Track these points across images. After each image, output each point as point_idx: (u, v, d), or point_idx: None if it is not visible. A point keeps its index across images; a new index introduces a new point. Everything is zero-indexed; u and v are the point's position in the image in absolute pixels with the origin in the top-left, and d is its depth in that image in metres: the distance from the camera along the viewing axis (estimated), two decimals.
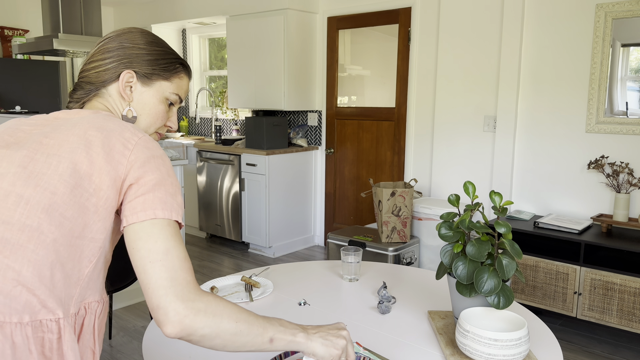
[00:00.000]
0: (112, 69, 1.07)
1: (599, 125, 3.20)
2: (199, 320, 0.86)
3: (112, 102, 1.08)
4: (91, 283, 0.94)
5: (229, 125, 5.65)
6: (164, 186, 0.93)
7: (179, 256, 0.89)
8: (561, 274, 2.99)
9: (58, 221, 0.87)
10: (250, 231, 4.61)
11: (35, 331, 0.84)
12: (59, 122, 0.98)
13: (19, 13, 5.46)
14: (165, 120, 1.14)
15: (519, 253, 1.25)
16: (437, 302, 1.61)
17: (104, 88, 1.07)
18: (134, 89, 1.08)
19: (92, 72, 1.07)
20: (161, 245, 0.88)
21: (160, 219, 0.90)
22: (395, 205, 3.37)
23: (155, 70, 1.09)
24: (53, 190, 0.88)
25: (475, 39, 3.67)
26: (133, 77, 1.07)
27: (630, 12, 3.03)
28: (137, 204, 0.90)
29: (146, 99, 1.09)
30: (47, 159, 0.90)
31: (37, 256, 0.85)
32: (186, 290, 0.87)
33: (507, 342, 1.12)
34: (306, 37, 4.60)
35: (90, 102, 1.08)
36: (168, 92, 1.12)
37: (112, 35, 1.10)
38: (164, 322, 0.84)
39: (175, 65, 1.12)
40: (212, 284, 1.73)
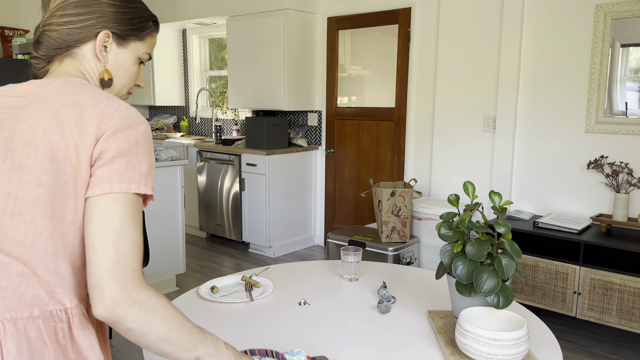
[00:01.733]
0: (88, 27, 0.99)
1: (599, 125, 3.21)
2: (131, 312, 0.83)
3: (86, 63, 1.02)
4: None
5: (229, 125, 5.65)
6: (126, 156, 0.88)
7: (132, 240, 0.86)
8: (561, 274, 2.99)
9: (50, 212, 0.86)
10: (250, 231, 4.61)
11: (47, 322, 0.85)
12: (31, 99, 0.93)
13: (19, 13, 5.46)
14: (136, 79, 1.10)
15: (518, 253, 1.26)
16: (436, 302, 1.61)
17: (76, 47, 1.00)
18: (109, 50, 1.03)
19: (64, 27, 0.99)
20: (117, 224, 0.85)
21: (118, 194, 0.86)
22: (395, 205, 3.37)
23: (131, 30, 1.04)
24: (37, 182, 0.85)
25: (475, 39, 3.68)
26: (109, 37, 1.02)
27: (629, 12, 3.03)
28: (95, 177, 0.87)
29: (122, 61, 1.05)
30: (24, 148, 0.87)
31: (37, 251, 0.85)
32: (129, 277, 0.84)
33: (506, 342, 1.13)
34: (306, 37, 4.60)
35: (61, 64, 1.01)
36: (141, 52, 1.08)
37: None
38: (97, 303, 0.82)
39: (148, 24, 1.07)
40: (213, 284, 1.74)
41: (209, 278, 4.00)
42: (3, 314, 0.82)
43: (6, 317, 0.82)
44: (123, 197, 0.87)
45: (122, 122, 0.90)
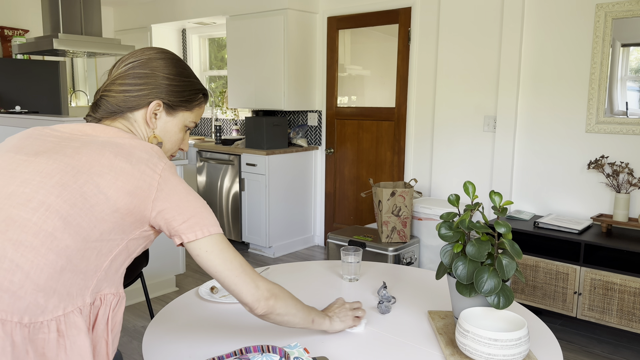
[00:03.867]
0: (142, 96, 1.12)
1: (599, 125, 3.20)
2: (279, 304, 1.16)
3: (137, 126, 1.14)
4: (108, 276, 1.02)
5: (229, 125, 5.65)
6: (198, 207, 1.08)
7: (246, 263, 1.14)
8: (561, 274, 2.99)
9: (74, 230, 0.94)
10: (250, 231, 4.61)
11: (34, 333, 0.89)
12: (88, 139, 1.05)
13: (19, 13, 5.46)
14: (181, 144, 1.23)
15: (518, 253, 1.25)
16: (437, 302, 1.61)
17: (129, 112, 1.12)
18: (158, 117, 1.15)
19: (121, 95, 1.11)
20: (235, 262, 1.10)
21: (215, 235, 1.09)
22: (395, 205, 3.37)
23: (180, 102, 1.16)
24: (72, 203, 0.95)
25: (475, 38, 3.67)
26: (160, 107, 1.14)
27: (630, 12, 3.03)
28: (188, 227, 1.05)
29: (169, 128, 1.17)
30: (76, 174, 0.97)
31: (47, 260, 0.90)
32: (264, 282, 1.15)
33: (507, 342, 1.12)
34: (306, 37, 4.60)
35: (114, 122, 1.13)
36: (188, 120, 1.20)
37: (143, 59, 1.13)
38: (257, 308, 1.13)
39: (198, 96, 1.20)
40: (212, 284, 1.73)
41: (209, 278, 4.00)
42: None
43: None
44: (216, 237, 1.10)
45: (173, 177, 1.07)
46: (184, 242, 1.07)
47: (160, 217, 1.04)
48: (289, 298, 1.19)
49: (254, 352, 1.19)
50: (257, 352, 1.19)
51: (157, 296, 3.61)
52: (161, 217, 1.04)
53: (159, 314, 1.51)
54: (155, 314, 2.55)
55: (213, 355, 1.26)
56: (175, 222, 1.04)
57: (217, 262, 1.09)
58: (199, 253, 1.08)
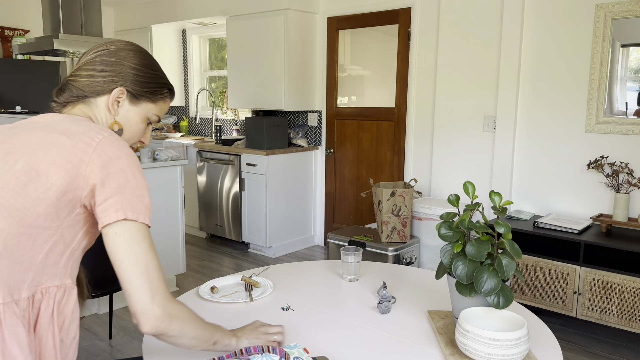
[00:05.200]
0: (107, 82, 1.13)
1: (599, 125, 3.20)
2: (172, 325, 1.03)
3: (98, 112, 1.14)
4: (47, 269, 1.00)
5: (229, 125, 5.65)
6: (130, 188, 1.01)
7: (156, 268, 1.02)
8: (561, 274, 2.99)
9: (7, 212, 0.95)
10: (250, 231, 4.61)
11: None
12: (30, 125, 1.05)
13: (19, 13, 5.46)
14: (141, 136, 1.22)
15: (518, 253, 1.26)
16: (437, 302, 1.61)
17: (92, 97, 1.14)
18: (121, 105, 1.15)
19: (86, 79, 1.13)
20: (142, 259, 1.00)
21: (131, 222, 1.00)
22: (395, 205, 3.37)
23: (145, 92, 1.17)
24: (4, 185, 0.96)
25: (475, 39, 3.68)
26: (123, 94, 1.15)
27: (630, 12, 3.03)
28: (107, 206, 0.99)
29: (130, 116, 1.17)
30: (5, 156, 0.99)
31: None
32: (164, 299, 1.02)
33: (506, 342, 1.12)
34: (306, 37, 4.60)
35: (74, 107, 1.14)
36: (151, 112, 1.20)
37: (111, 48, 1.15)
38: (145, 324, 1.00)
39: (163, 90, 1.21)
40: (212, 284, 1.73)
41: (209, 278, 4.00)
42: None
43: None
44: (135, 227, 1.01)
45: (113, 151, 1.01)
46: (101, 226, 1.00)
47: (90, 193, 1.00)
48: (189, 321, 1.07)
49: (254, 352, 1.20)
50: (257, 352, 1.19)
51: None
52: (91, 193, 1.00)
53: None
54: None
55: (213, 356, 1.26)
56: (98, 198, 0.99)
57: (123, 249, 0.99)
58: (108, 233, 0.99)
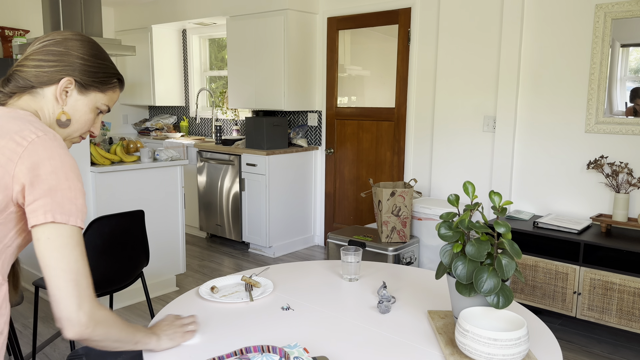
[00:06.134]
0: (54, 72, 1.11)
1: (599, 125, 3.21)
2: (97, 330, 1.05)
3: (44, 103, 1.12)
4: None
5: (229, 125, 5.65)
6: (60, 190, 0.99)
7: (85, 274, 1.03)
8: (560, 274, 2.99)
9: None
10: (250, 231, 4.61)
11: None
12: None
13: (19, 13, 5.46)
14: (91, 126, 1.20)
15: (518, 253, 1.26)
16: (436, 302, 1.61)
17: (39, 88, 1.11)
18: (69, 95, 1.14)
19: (32, 70, 1.11)
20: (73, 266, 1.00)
21: (62, 225, 0.99)
22: (395, 205, 3.37)
23: (93, 82, 1.16)
24: None
25: (475, 39, 3.68)
26: (72, 84, 1.13)
27: (629, 13, 3.04)
28: (36, 207, 0.98)
29: (79, 106, 1.15)
30: None
31: None
32: (90, 305, 1.03)
33: (506, 342, 1.13)
34: (306, 37, 4.60)
35: (19, 99, 1.12)
36: (100, 102, 1.19)
37: (58, 38, 1.13)
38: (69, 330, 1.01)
39: (112, 79, 1.20)
40: (212, 284, 1.74)
41: (209, 278, 4.00)
42: None
43: None
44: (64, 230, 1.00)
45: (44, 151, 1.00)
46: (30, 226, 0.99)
47: (21, 195, 0.99)
48: (112, 325, 1.08)
49: (254, 352, 1.20)
50: (257, 352, 1.20)
51: (157, 296, 3.62)
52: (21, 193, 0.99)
53: (159, 314, 1.52)
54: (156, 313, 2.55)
55: (213, 355, 1.26)
56: (28, 198, 0.98)
57: (54, 254, 0.99)
58: (39, 237, 0.99)
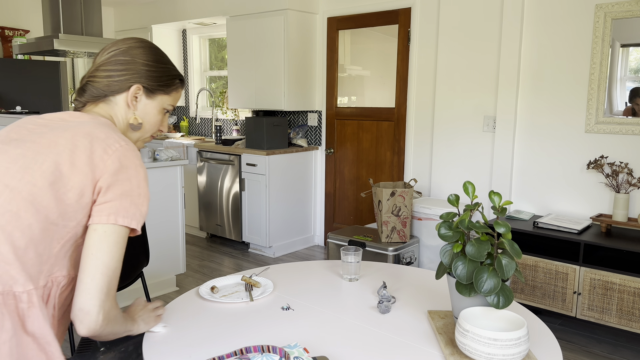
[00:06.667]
0: (124, 81, 1.23)
1: (599, 125, 3.21)
2: (106, 328, 1.10)
3: (117, 109, 1.24)
4: (58, 260, 1.10)
5: (229, 125, 5.65)
6: (131, 196, 1.10)
7: (117, 276, 1.11)
8: (561, 274, 2.99)
9: (35, 208, 1.03)
10: (250, 231, 4.61)
11: (7, 299, 1.01)
12: (59, 124, 1.14)
13: (19, 13, 5.46)
14: (160, 125, 1.33)
15: (518, 253, 1.26)
16: (436, 302, 1.61)
17: (112, 96, 1.23)
18: (139, 100, 1.26)
19: (104, 80, 1.22)
20: (114, 264, 1.09)
21: (119, 226, 1.09)
22: (395, 205, 3.37)
23: (159, 86, 1.27)
24: (34, 183, 1.04)
25: (475, 39, 3.68)
26: (140, 90, 1.25)
27: (629, 13, 3.03)
28: (104, 208, 1.08)
29: (148, 110, 1.28)
30: (35, 156, 1.07)
31: (14, 237, 1.02)
32: (110, 305, 1.10)
33: (506, 342, 1.13)
34: (306, 37, 4.60)
35: (96, 106, 1.24)
36: (166, 103, 1.31)
37: (123, 47, 1.24)
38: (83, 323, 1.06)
39: (175, 81, 1.31)
40: (213, 284, 1.74)
41: (209, 278, 4.00)
42: None
43: None
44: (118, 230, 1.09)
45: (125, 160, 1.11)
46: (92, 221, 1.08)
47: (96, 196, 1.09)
48: (115, 321, 1.15)
49: (254, 352, 1.20)
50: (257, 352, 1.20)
51: (157, 296, 3.61)
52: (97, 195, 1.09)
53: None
54: None
55: (213, 355, 1.26)
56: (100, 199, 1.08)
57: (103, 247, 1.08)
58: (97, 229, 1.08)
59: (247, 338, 1.36)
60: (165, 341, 1.34)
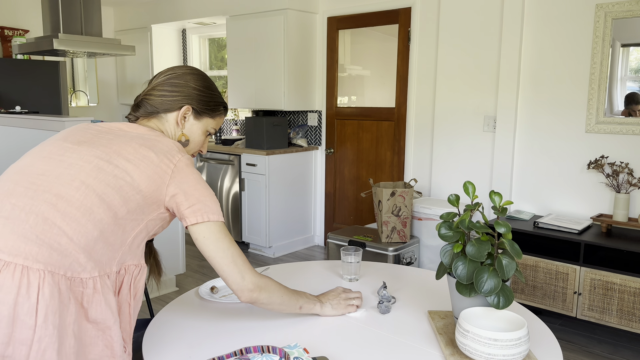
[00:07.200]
0: (176, 101, 1.38)
1: (599, 125, 3.20)
2: (261, 294, 1.31)
3: (168, 126, 1.39)
4: (131, 250, 1.22)
5: (229, 125, 5.65)
6: (206, 197, 1.26)
7: (239, 254, 1.29)
8: (561, 274, 2.99)
9: (107, 206, 1.16)
10: (250, 231, 4.61)
11: (74, 285, 1.11)
12: (121, 133, 1.28)
13: (19, 13, 5.46)
14: (201, 146, 1.48)
15: (518, 253, 1.25)
16: (437, 302, 1.61)
17: (163, 113, 1.38)
18: (187, 120, 1.40)
19: (158, 98, 1.37)
20: (227, 252, 1.27)
21: (214, 222, 1.26)
22: (395, 205, 3.37)
23: (206, 109, 1.42)
24: (106, 184, 1.17)
25: (475, 39, 3.67)
26: (189, 111, 1.39)
27: (630, 12, 3.03)
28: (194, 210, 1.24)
29: (194, 130, 1.42)
30: (109, 158, 1.20)
31: (86, 229, 1.13)
32: (251, 276, 1.29)
33: (506, 342, 1.12)
34: (306, 37, 4.60)
35: (149, 121, 1.38)
36: (210, 126, 1.45)
37: (178, 72, 1.40)
38: (242, 295, 1.29)
39: (220, 107, 1.46)
40: (213, 284, 1.73)
41: (209, 278, 4.00)
42: (46, 266, 1.07)
43: (48, 269, 1.07)
44: (216, 225, 1.27)
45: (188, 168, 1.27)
46: (187, 224, 1.25)
47: (172, 201, 1.24)
48: (274, 290, 1.34)
49: (254, 352, 1.19)
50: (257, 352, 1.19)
51: (157, 296, 3.61)
52: (173, 201, 1.24)
53: (159, 314, 1.51)
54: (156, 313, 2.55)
55: (213, 356, 1.26)
56: (182, 206, 1.24)
57: (212, 247, 1.26)
58: (197, 237, 1.26)
59: (247, 338, 1.35)
60: (165, 341, 1.34)
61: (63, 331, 1.07)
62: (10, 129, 4.12)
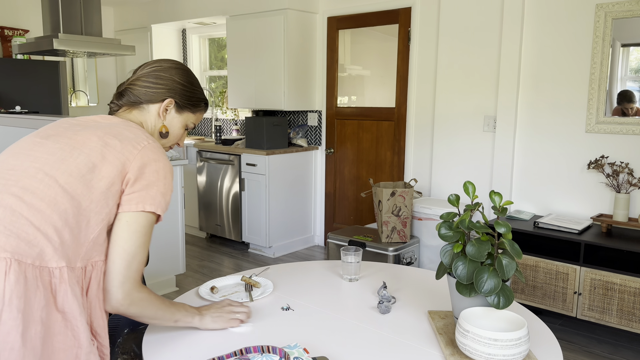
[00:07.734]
0: (160, 94, 1.40)
1: (599, 125, 3.20)
2: (131, 308, 1.23)
3: (149, 117, 1.41)
4: (96, 246, 1.21)
5: (229, 125, 5.65)
6: (156, 186, 1.25)
7: (139, 259, 1.24)
8: (561, 274, 2.99)
9: (69, 195, 1.17)
10: (250, 231, 4.61)
11: (42, 273, 1.12)
12: (91, 124, 1.30)
13: (19, 13, 5.46)
14: (179, 140, 1.51)
15: (518, 253, 1.25)
16: (437, 302, 1.61)
17: (146, 104, 1.40)
18: (168, 112, 1.43)
19: (143, 89, 1.39)
20: (133, 249, 1.22)
21: (146, 213, 1.23)
22: (395, 205, 3.37)
23: (188, 104, 1.45)
24: (69, 174, 1.18)
25: (475, 39, 3.67)
26: (172, 104, 1.42)
27: (630, 12, 3.03)
28: (133, 197, 1.23)
29: (175, 123, 1.45)
30: (71, 150, 1.22)
31: (52, 219, 1.14)
32: (131, 286, 1.22)
33: (507, 342, 1.12)
34: (306, 37, 4.60)
35: (130, 112, 1.41)
36: (190, 121, 1.49)
37: (164, 65, 1.43)
38: (107, 302, 1.22)
39: (201, 104, 1.49)
40: (212, 284, 1.73)
41: (209, 278, 4.00)
42: (13, 254, 1.09)
43: (15, 257, 1.09)
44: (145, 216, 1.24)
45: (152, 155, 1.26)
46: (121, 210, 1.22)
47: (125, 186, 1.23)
48: (147, 306, 1.26)
49: (254, 352, 1.19)
50: (257, 352, 1.19)
51: None
52: (125, 186, 1.23)
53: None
54: None
55: (213, 356, 1.26)
56: (127, 190, 1.23)
57: (124, 235, 1.22)
58: (120, 219, 1.22)
59: (247, 338, 1.35)
60: (165, 341, 1.34)
61: (29, 316, 1.08)
62: (10, 128, 4.12)
